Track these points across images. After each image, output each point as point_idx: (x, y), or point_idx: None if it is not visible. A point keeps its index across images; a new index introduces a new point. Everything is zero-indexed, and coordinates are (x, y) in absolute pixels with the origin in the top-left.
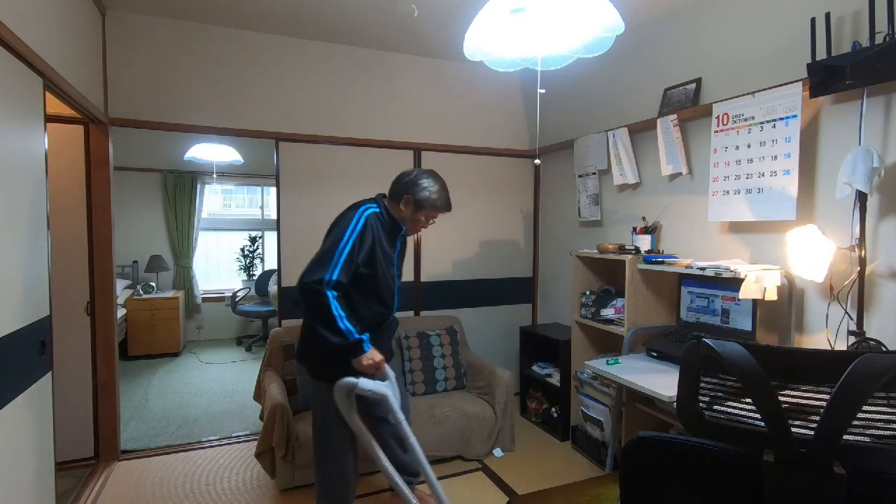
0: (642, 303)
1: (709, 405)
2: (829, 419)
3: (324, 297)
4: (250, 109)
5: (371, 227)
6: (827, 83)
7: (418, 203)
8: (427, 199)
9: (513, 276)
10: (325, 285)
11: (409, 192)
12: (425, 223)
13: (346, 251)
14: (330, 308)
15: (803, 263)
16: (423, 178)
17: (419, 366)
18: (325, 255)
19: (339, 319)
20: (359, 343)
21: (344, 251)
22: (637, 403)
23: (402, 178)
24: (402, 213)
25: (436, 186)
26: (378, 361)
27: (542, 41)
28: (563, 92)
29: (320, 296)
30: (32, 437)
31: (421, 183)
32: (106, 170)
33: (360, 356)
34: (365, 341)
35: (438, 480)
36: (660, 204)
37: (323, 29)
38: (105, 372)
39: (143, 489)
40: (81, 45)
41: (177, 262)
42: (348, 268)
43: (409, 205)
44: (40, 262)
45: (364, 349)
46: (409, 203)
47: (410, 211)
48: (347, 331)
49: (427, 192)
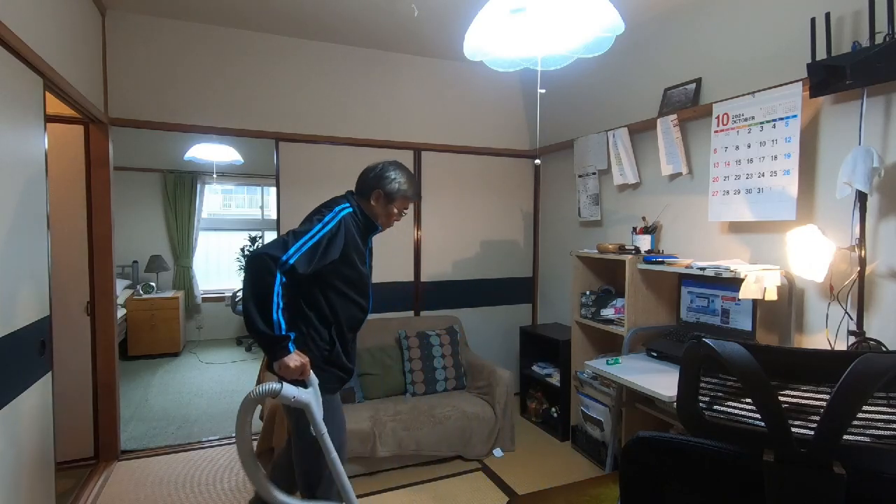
0: (642, 303)
1: (709, 405)
2: (829, 419)
3: (270, 275)
4: (250, 109)
5: (346, 228)
6: (827, 83)
7: (389, 195)
8: (398, 191)
9: (513, 276)
10: (277, 264)
11: (379, 185)
12: (398, 216)
13: (311, 242)
14: (272, 290)
15: (803, 263)
16: (389, 170)
17: (419, 366)
18: (289, 239)
19: (274, 309)
20: (285, 340)
21: (309, 242)
22: (637, 403)
23: (369, 174)
24: (374, 209)
25: (404, 177)
26: (303, 364)
27: (542, 41)
28: (563, 92)
29: (268, 273)
30: (32, 437)
31: (389, 175)
32: (106, 170)
33: (285, 357)
34: (291, 339)
35: (438, 480)
36: (660, 204)
37: (323, 29)
38: (105, 372)
39: (143, 489)
40: (81, 45)
41: (177, 262)
42: (308, 260)
43: (380, 199)
44: (40, 262)
45: (290, 349)
46: (379, 197)
47: (382, 205)
48: (277, 323)
49: (396, 183)
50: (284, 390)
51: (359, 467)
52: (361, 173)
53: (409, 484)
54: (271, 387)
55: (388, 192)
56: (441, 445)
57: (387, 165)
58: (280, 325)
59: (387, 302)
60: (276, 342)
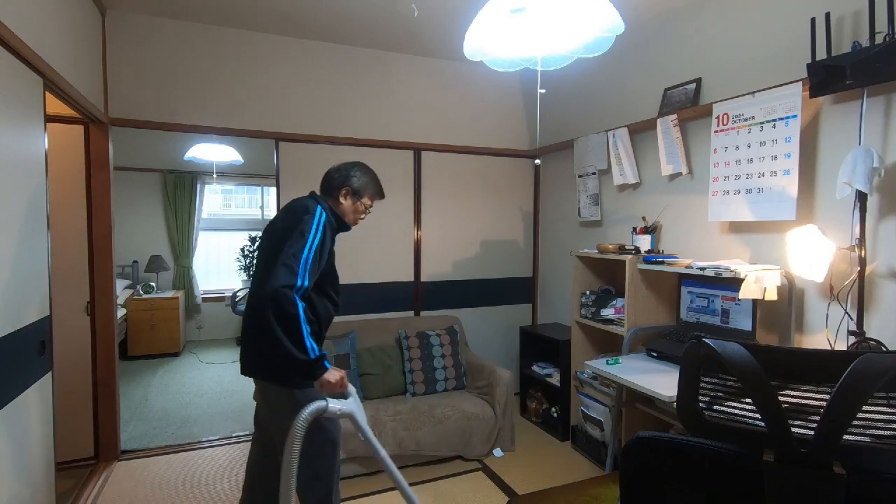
0: (642, 303)
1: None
2: (829, 419)
3: (293, 306)
4: (250, 109)
5: (328, 230)
6: (827, 83)
7: (357, 192)
8: (365, 187)
9: (513, 276)
10: (294, 291)
11: (346, 183)
12: (364, 212)
13: (311, 256)
14: (299, 320)
15: (803, 263)
16: (355, 169)
17: (419, 366)
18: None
19: (305, 335)
20: (320, 360)
21: (310, 256)
22: (637, 403)
23: (334, 174)
24: (343, 207)
25: (369, 175)
26: (341, 377)
27: (542, 41)
28: (563, 92)
29: (290, 305)
30: (32, 437)
31: (355, 173)
32: (106, 170)
33: (323, 375)
34: (325, 358)
35: (438, 480)
36: (660, 204)
37: (323, 29)
38: (105, 372)
39: (142, 489)
40: (81, 45)
41: (177, 262)
42: (314, 274)
43: (349, 196)
44: (40, 262)
45: (326, 366)
46: (348, 194)
47: (351, 202)
48: (311, 348)
49: (363, 180)
50: (331, 406)
51: (359, 467)
52: (327, 174)
53: (409, 484)
54: (318, 405)
55: (356, 188)
56: (441, 445)
57: (351, 165)
58: (313, 349)
59: (387, 302)
60: (313, 365)
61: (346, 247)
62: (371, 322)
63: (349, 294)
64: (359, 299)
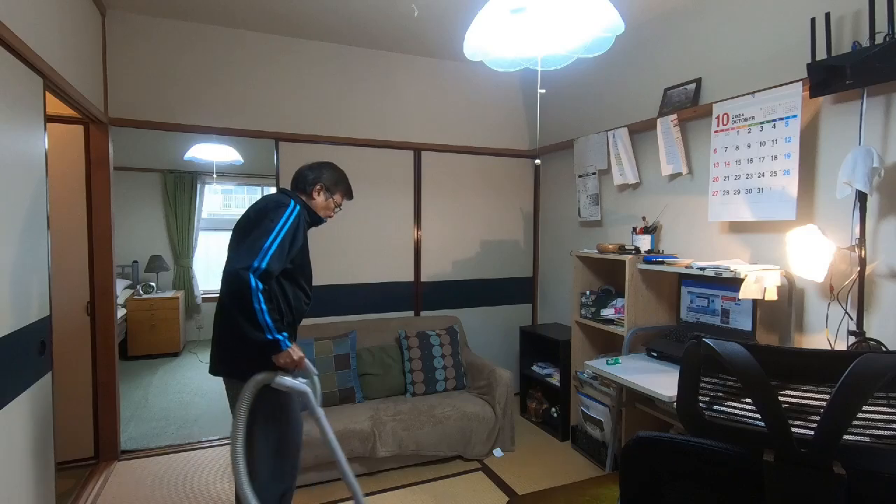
0: (642, 303)
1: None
2: (829, 419)
3: (249, 285)
4: (250, 109)
5: (302, 224)
6: (827, 83)
7: (329, 189)
8: (337, 183)
9: (513, 276)
10: (252, 272)
11: (319, 180)
12: (335, 208)
13: (277, 242)
14: (251, 300)
15: (803, 263)
16: (325, 167)
17: (419, 366)
18: (255, 243)
19: (259, 312)
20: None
21: (276, 242)
22: (637, 403)
23: (306, 171)
24: (316, 202)
25: (340, 174)
26: (298, 359)
27: (542, 41)
28: (563, 92)
29: (244, 285)
30: (32, 437)
31: (326, 172)
32: (106, 170)
33: (280, 353)
34: (284, 339)
35: (438, 480)
36: (660, 204)
37: (323, 29)
38: (105, 372)
39: (142, 489)
40: (81, 45)
41: (177, 262)
42: (279, 259)
43: (322, 192)
44: (40, 262)
45: (283, 346)
46: (321, 191)
47: (323, 198)
48: (267, 326)
49: (333, 178)
50: (279, 378)
51: (359, 467)
52: (300, 171)
53: (409, 484)
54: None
55: (328, 185)
56: (441, 445)
57: (321, 163)
58: (270, 327)
59: (387, 302)
60: (270, 345)
61: (346, 247)
62: (371, 322)
63: (349, 294)
64: (359, 299)
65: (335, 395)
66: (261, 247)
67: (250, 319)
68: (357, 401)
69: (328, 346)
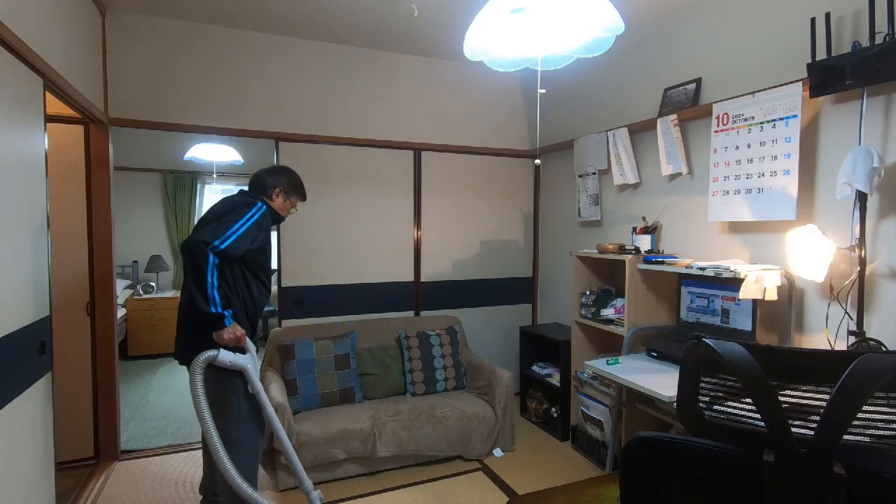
0: (642, 303)
1: (709, 405)
2: (829, 419)
3: (203, 257)
4: (250, 109)
5: (267, 222)
6: (827, 83)
7: (288, 192)
8: (293, 188)
9: (513, 276)
10: (209, 247)
11: (278, 184)
12: (290, 211)
13: (240, 231)
14: (206, 272)
15: (803, 263)
16: (284, 172)
17: (419, 366)
18: (219, 226)
19: (209, 286)
20: (221, 317)
21: (239, 231)
22: (637, 403)
23: (265, 176)
24: (275, 204)
25: (296, 177)
26: (240, 335)
27: (542, 41)
28: (563, 92)
29: (200, 255)
30: (32, 437)
31: (283, 176)
32: (106, 170)
33: (222, 329)
34: (227, 316)
35: (438, 480)
36: (660, 204)
37: (323, 29)
38: (105, 372)
39: (142, 489)
40: (81, 45)
41: (177, 262)
42: (237, 247)
43: (281, 195)
44: (40, 262)
45: (226, 323)
46: (280, 193)
47: (282, 200)
48: (214, 300)
49: (290, 182)
50: (221, 355)
51: (359, 467)
52: (259, 176)
53: (409, 484)
54: (209, 353)
55: (287, 189)
56: (441, 445)
57: (278, 168)
58: (215, 300)
59: (387, 302)
60: (214, 319)
61: (346, 247)
62: (371, 322)
63: (349, 294)
64: (359, 299)
65: (335, 395)
66: (225, 230)
67: (201, 290)
68: (357, 401)
69: (328, 346)
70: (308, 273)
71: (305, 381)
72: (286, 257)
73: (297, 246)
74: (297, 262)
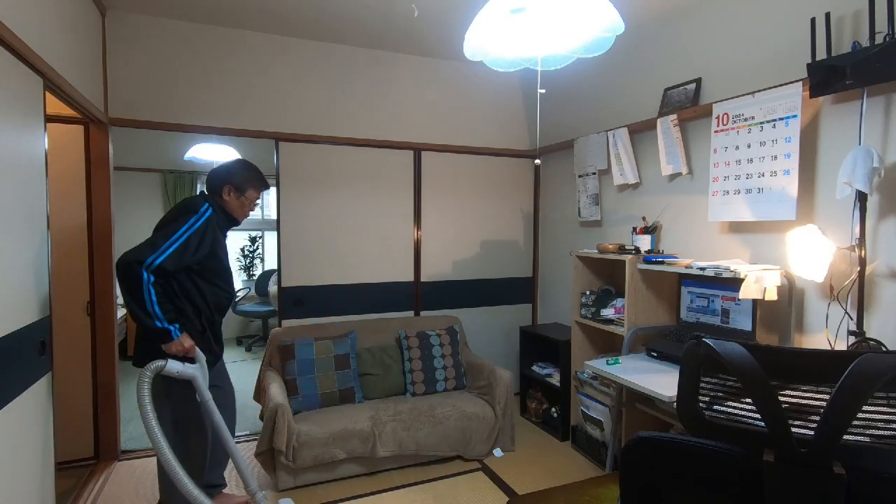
0: (642, 303)
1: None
2: (829, 419)
3: (136, 277)
4: (250, 109)
5: (211, 227)
6: (827, 83)
7: (238, 188)
8: (245, 182)
9: (513, 276)
10: (142, 266)
11: (228, 181)
12: (250, 205)
13: (179, 242)
14: (141, 290)
15: (803, 263)
16: (233, 167)
17: (419, 366)
18: (156, 241)
19: (147, 302)
20: (166, 331)
21: (177, 242)
22: (637, 403)
23: (216, 174)
24: (229, 204)
25: (248, 170)
26: (188, 347)
27: (542, 41)
28: (563, 92)
29: (133, 275)
30: (32, 437)
31: (234, 171)
32: (106, 170)
33: (170, 343)
34: (174, 330)
35: (438, 480)
36: (660, 204)
37: (323, 29)
38: (105, 372)
39: (142, 489)
40: (81, 45)
41: None
42: (177, 258)
43: (232, 192)
44: (40, 262)
45: (173, 337)
46: (230, 191)
47: (234, 198)
48: (157, 315)
49: (241, 176)
50: (169, 365)
51: (359, 467)
52: (210, 173)
53: (409, 484)
54: (157, 363)
55: (237, 184)
56: (441, 445)
57: (230, 163)
58: (157, 314)
59: (387, 302)
60: (159, 332)
61: (346, 247)
62: (371, 322)
63: (349, 294)
64: (359, 299)
65: (335, 395)
66: (160, 245)
67: (142, 308)
68: (357, 401)
69: (328, 346)
70: (308, 273)
71: (305, 381)
72: (286, 257)
73: (297, 246)
74: (296, 262)
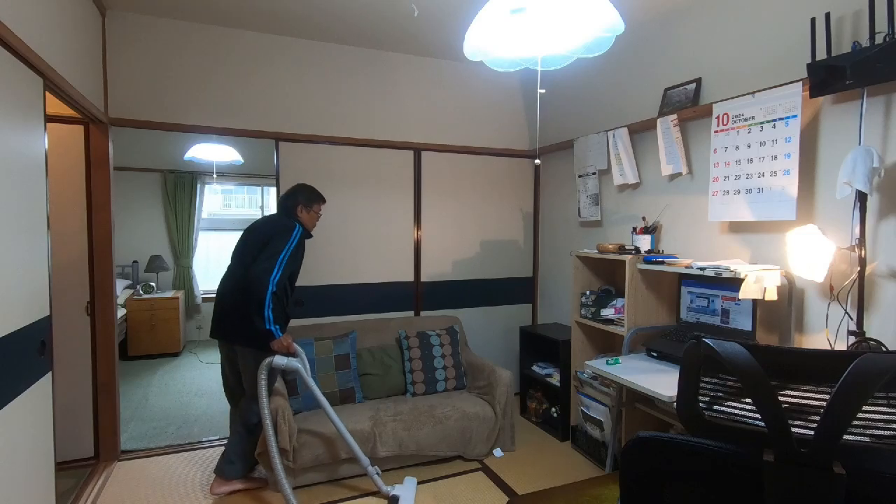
0: (642, 303)
1: (709, 405)
2: (829, 419)
3: (268, 288)
4: (250, 109)
5: (302, 245)
6: (827, 83)
7: (307, 205)
8: (311, 200)
9: (513, 276)
10: (271, 282)
11: (298, 202)
12: (317, 217)
13: (285, 260)
14: (265, 299)
15: (803, 263)
16: (298, 190)
17: (419, 366)
18: (272, 259)
19: (267, 309)
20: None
21: (284, 260)
22: (637, 403)
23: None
24: (303, 220)
25: (310, 190)
26: (288, 344)
27: (542, 41)
28: (563, 92)
29: (265, 287)
30: (32, 437)
31: (300, 193)
32: (106, 170)
33: (273, 341)
34: (277, 330)
35: (437, 480)
36: (660, 204)
37: (323, 29)
38: (105, 372)
39: (142, 489)
40: (81, 46)
41: (177, 262)
42: (286, 273)
43: (304, 210)
44: (40, 262)
45: (276, 335)
46: (303, 209)
47: (306, 215)
48: (269, 319)
49: (307, 196)
50: (276, 360)
51: (359, 467)
52: (281, 200)
53: None
54: (268, 360)
55: (306, 203)
56: (441, 445)
57: (296, 187)
58: (270, 319)
59: (387, 302)
60: (267, 333)
61: (346, 247)
62: (371, 322)
63: (349, 294)
64: (359, 299)
65: (335, 395)
66: (275, 263)
67: (261, 315)
68: (357, 401)
69: (328, 346)
70: (308, 273)
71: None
72: None
73: None
74: None
